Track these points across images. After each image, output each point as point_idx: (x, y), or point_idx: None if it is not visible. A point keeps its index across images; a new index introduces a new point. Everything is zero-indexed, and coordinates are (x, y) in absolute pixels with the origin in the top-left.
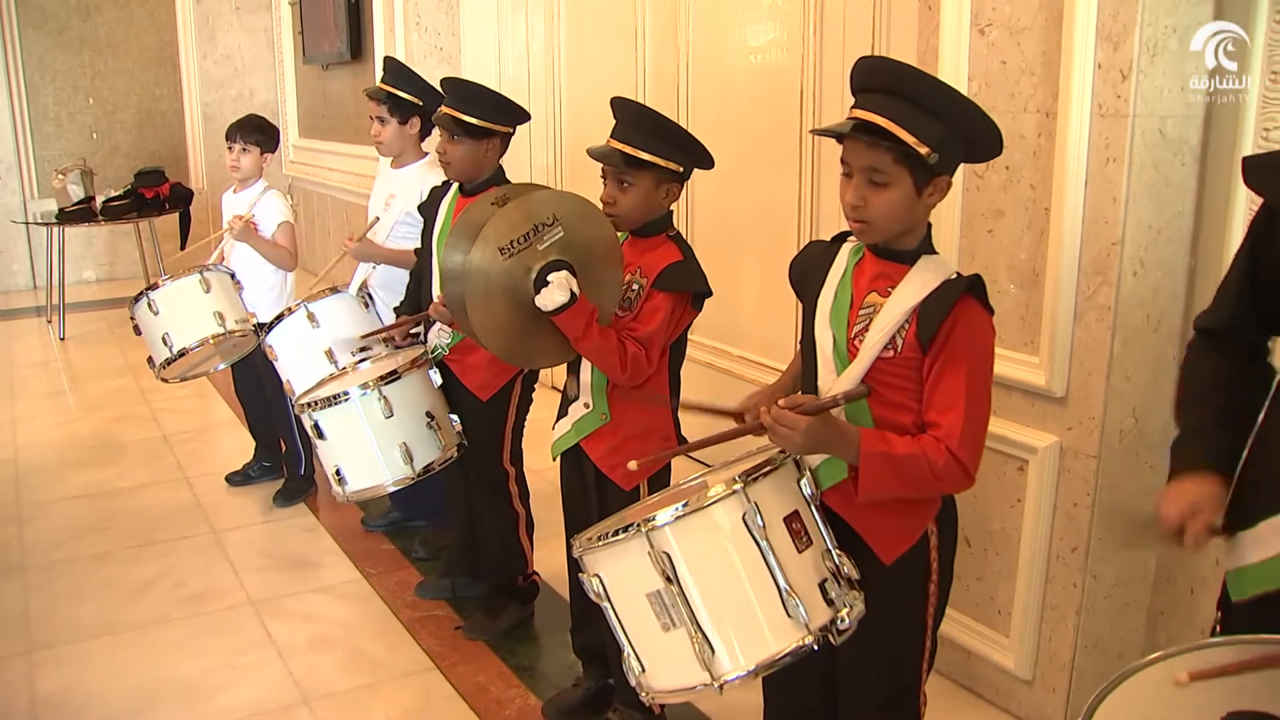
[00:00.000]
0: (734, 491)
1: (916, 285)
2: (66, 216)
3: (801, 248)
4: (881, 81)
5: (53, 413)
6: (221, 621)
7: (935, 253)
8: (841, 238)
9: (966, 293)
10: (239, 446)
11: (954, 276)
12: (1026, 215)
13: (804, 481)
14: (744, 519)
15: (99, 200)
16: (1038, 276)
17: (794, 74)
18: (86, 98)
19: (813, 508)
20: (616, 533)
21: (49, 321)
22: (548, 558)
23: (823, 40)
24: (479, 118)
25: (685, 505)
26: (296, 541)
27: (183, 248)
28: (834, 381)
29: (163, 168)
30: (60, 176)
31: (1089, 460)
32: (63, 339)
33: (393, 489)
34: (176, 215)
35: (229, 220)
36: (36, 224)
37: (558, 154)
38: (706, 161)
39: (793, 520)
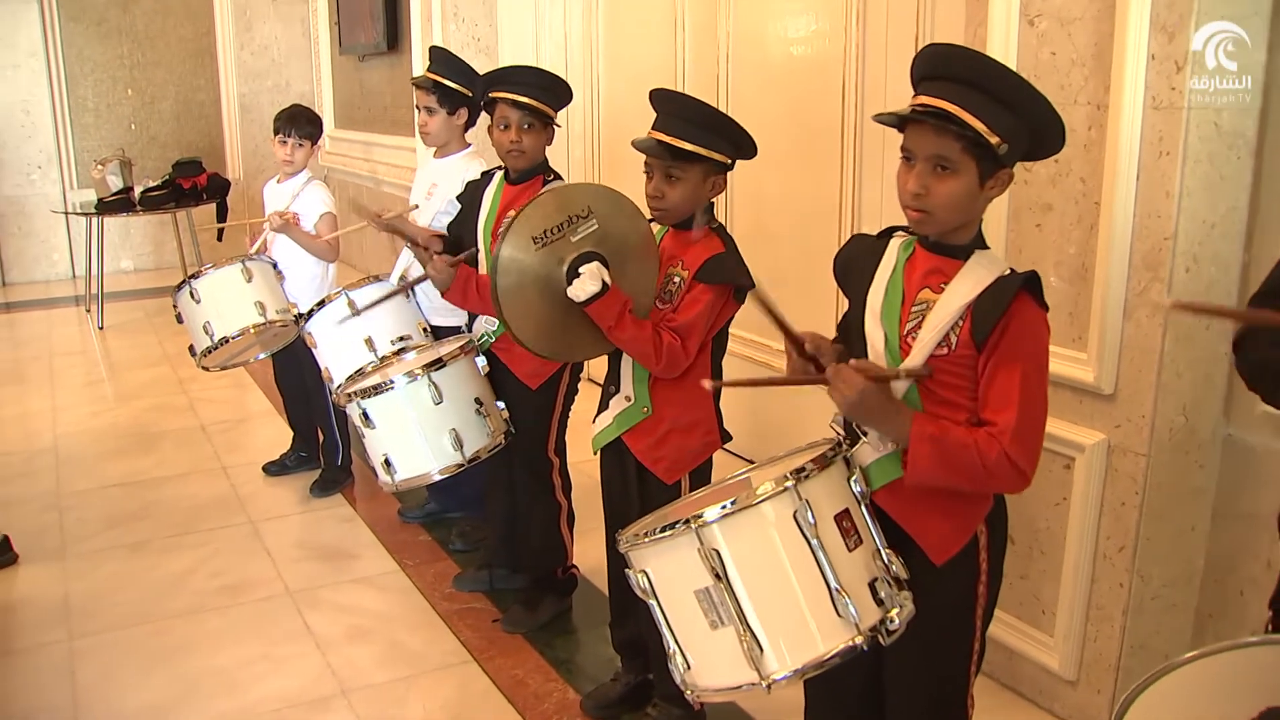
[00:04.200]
0: (785, 489)
1: (970, 282)
2: (105, 207)
3: (845, 242)
4: (951, 69)
5: (91, 401)
6: (259, 612)
7: (988, 248)
8: (889, 233)
9: (1023, 290)
10: (276, 436)
11: (1007, 273)
12: (1076, 209)
13: (854, 480)
14: (795, 516)
15: (137, 191)
16: (1087, 271)
17: (836, 66)
18: (125, 89)
19: (863, 506)
20: (665, 529)
21: (88, 310)
22: (586, 551)
23: (865, 32)
24: (555, 106)
25: (734, 502)
26: (334, 532)
27: (219, 239)
28: None
29: (200, 158)
30: (99, 167)
31: (1138, 458)
32: (101, 328)
33: (439, 478)
34: (214, 205)
35: (269, 215)
36: (76, 214)
37: (595, 147)
38: (751, 150)
39: (843, 518)
